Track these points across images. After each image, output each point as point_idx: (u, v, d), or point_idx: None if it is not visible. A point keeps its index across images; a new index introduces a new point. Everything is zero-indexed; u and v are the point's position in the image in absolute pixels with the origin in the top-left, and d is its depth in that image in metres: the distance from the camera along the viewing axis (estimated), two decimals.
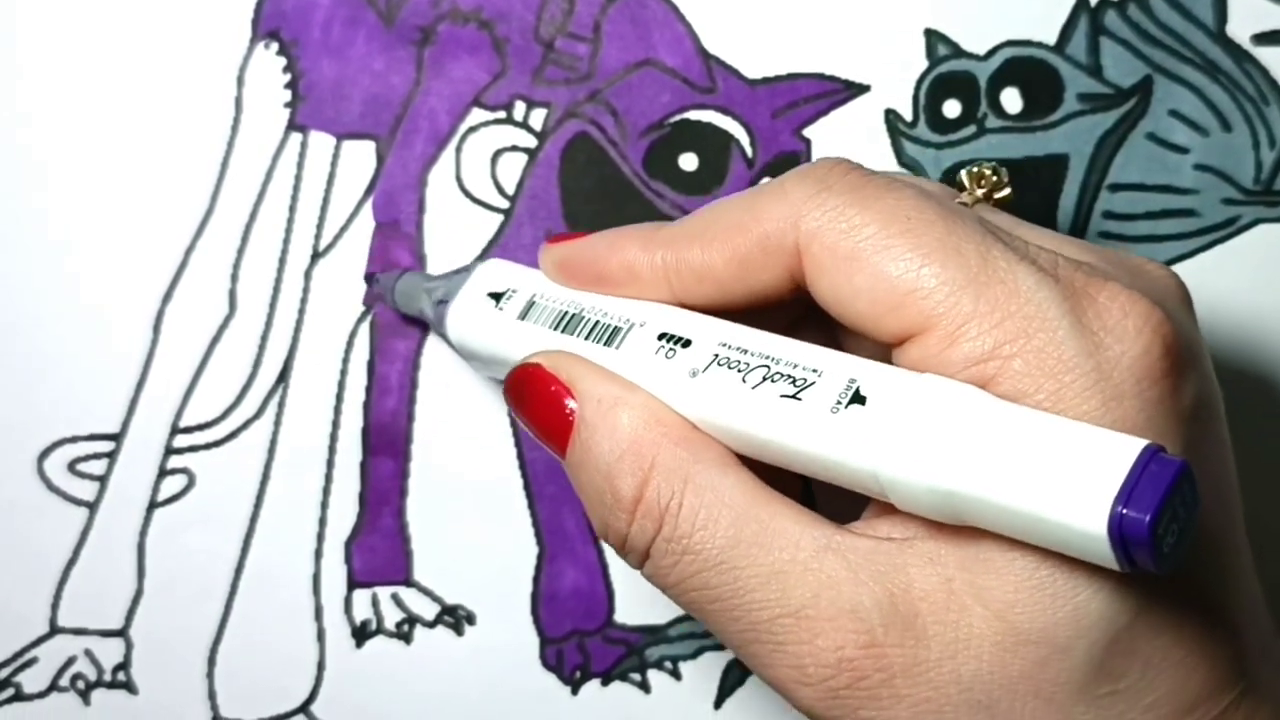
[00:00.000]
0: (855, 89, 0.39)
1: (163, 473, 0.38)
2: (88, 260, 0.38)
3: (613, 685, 0.40)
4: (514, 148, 0.39)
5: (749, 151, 0.39)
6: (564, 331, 0.31)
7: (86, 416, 0.38)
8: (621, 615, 0.39)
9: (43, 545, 0.38)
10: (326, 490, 0.39)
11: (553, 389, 0.30)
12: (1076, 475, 0.24)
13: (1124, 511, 0.23)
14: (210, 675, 0.39)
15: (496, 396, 0.38)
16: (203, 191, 0.38)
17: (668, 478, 0.28)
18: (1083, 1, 0.39)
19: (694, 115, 0.39)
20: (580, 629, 0.39)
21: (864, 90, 0.39)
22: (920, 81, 0.39)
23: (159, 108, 0.38)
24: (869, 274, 0.27)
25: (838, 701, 0.27)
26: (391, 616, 0.39)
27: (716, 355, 0.29)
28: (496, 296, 0.33)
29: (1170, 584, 0.26)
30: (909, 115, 0.39)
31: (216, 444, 0.38)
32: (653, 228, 0.31)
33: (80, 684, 0.38)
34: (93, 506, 0.38)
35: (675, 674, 0.40)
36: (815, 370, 0.27)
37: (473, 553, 0.39)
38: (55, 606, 0.38)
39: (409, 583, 0.39)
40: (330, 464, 0.39)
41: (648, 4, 0.38)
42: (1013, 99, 0.39)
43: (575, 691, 0.39)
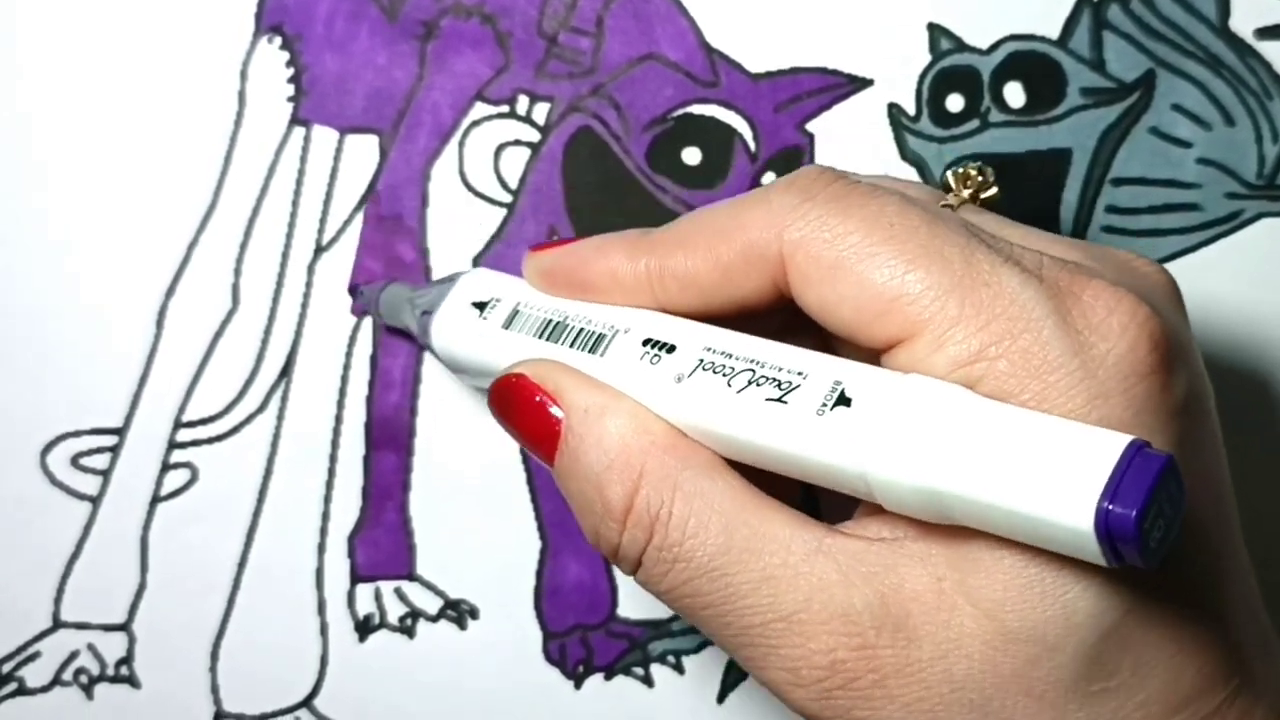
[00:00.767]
0: (858, 83, 0.39)
1: (166, 467, 0.38)
2: (90, 255, 0.38)
3: (616, 679, 0.40)
4: (517, 142, 0.39)
5: (752, 146, 0.39)
6: (549, 340, 0.31)
7: (89, 411, 0.38)
8: (624, 609, 0.39)
9: (46, 540, 0.38)
10: (329, 485, 0.39)
11: (537, 398, 0.30)
12: (1062, 472, 0.24)
13: (1109, 507, 0.23)
14: (213, 670, 0.39)
15: None
16: (205, 186, 0.38)
17: (657, 486, 0.28)
18: None
19: (697, 109, 0.39)
20: (583, 623, 0.39)
21: (867, 84, 0.39)
22: (923, 76, 0.39)
23: (162, 102, 0.38)
24: (854, 282, 0.27)
25: (831, 702, 0.27)
26: (395, 611, 0.39)
27: (701, 360, 0.29)
28: (480, 306, 0.33)
29: (1161, 580, 0.26)
30: (912, 109, 0.39)
31: (219, 438, 0.38)
32: (637, 234, 0.31)
33: (83, 678, 0.38)
34: (96, 501, 0.38)
35: (678, 668, 0.40)
36: (800, 373, 0.27)
37: (476, 547, 0.39)
38: (58, 601, 0.38)
39: (412, 577, 0.39)
40: (333, 458, 0.39)
41: None
42: (1015, 93, 0.39)
43: (578, 686, 0.39)
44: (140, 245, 0.38)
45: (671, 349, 0.29)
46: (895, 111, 0.39)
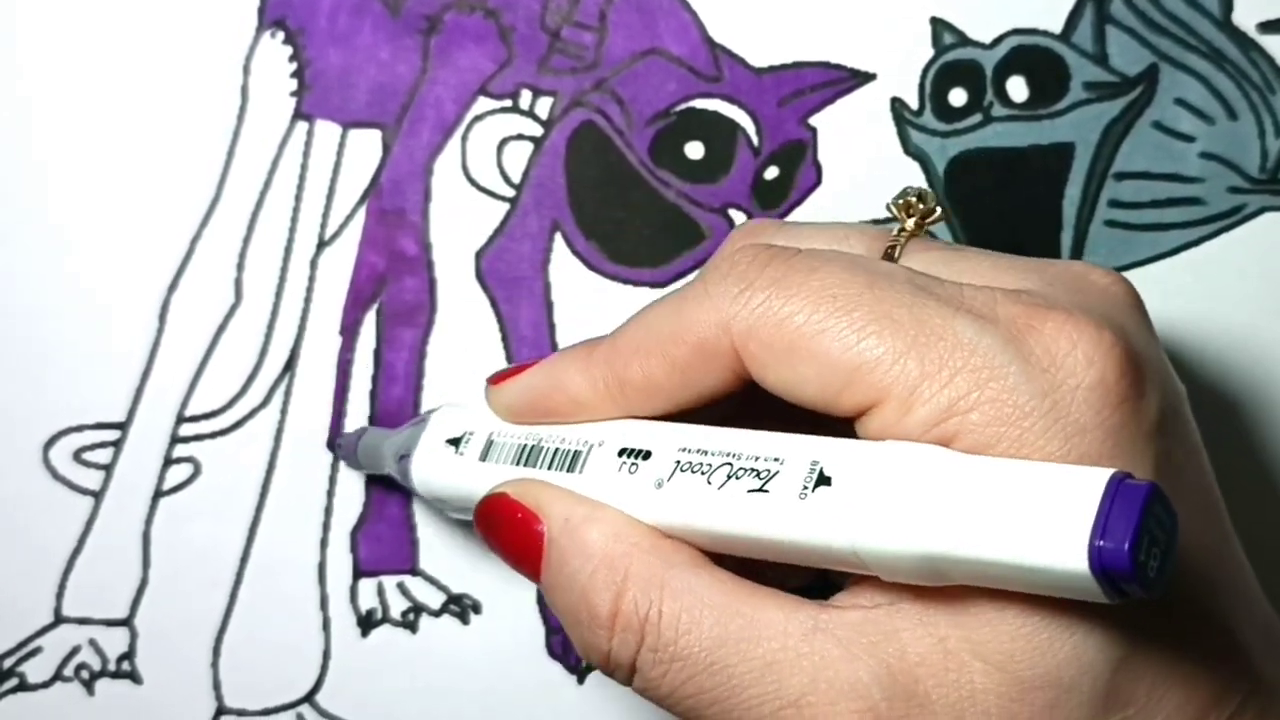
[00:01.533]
0: (861, 77, 0.39)
1: (168, 462, 0.38)
2: (93, 250, 0.38)
3: None
4: (520, 136, 0.39)
5: (755, 140, 0.39)
6: (526, 464, 0.31)
7: (92, 405, 0.38)
8: None
9: (48, 534, 0.38)
10: (332, 479, 0.39)
11: (520, 516, 0.30)
12: (1049, 517, 0.24)
13: (1101, 544, 0.23)
14: (215, 665, 0.39)
15: None
16: (208, 180, 0.38)
17: (643, 587, 0.28)
18: None
19: (700, 104, 0.39)
20: None
21: (870, 79, 0.39)
22: (926, 70, 0.39)
23: (165, 97, 0.38)
24: (810, 362, 0.27)
25: None
26: (397, 606, 0.39)
27: (678, 462, 0.28)
28: (455, 442, 0.33)
29: (1163, 603, 0.26)
30: (915, 104, 0.39)
31: (222, 433, 0.38)
32: (586, 350, 0.31)
33: (84, 674, 0.38)
34: (98, 496, 0.38)
35: None
36: (777, 459, 0.27)
37: (478, 542, 0.39)
38: (60, 596, 0.38)
39: (415, 572, 0.39)
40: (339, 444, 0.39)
41: None
42: (1018, 87, 0.39)
43: (581, 680, 0.39)
44: (143, 240, 0.38)
45: (647, 455, 0.29)
46: (898, 106, 0.39)
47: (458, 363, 0.38)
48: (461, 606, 0.39)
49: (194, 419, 0.38)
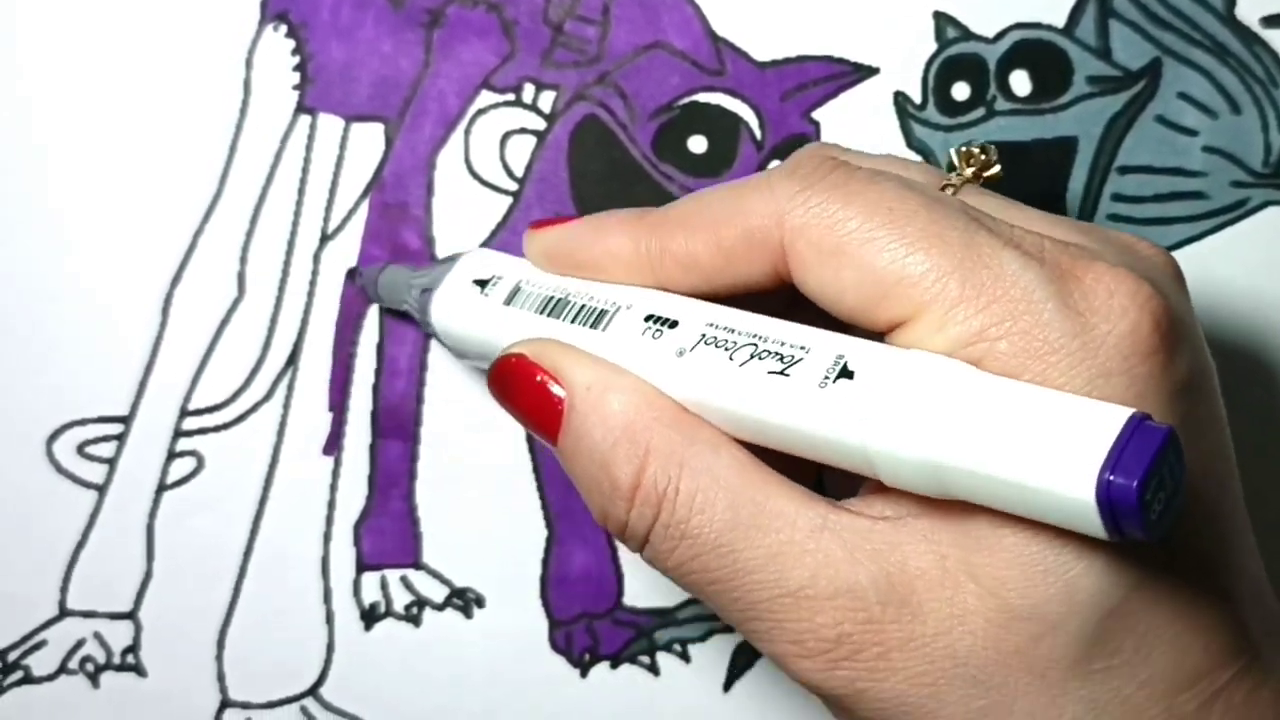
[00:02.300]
0: (864, 71, 0.39)
1: (172, 455, 0.38)
2: (96, 244, 0.38)
3: (622, 668, 0.40)
4: (523, 130, 0.39)
5: (758, 134, 0.39)
6: (550, 316, 0.31)
7: (95, 399, 0.38)
8: (630, 598, 0.39)
9: (52, 528, 0.38)
10: (335, 473, 0.39)
11: (538, 378, 0.30)
12: (1063, 444, 0.24)
13: (1111, 478, 0.23)
14: (219, 658, 0.39)
15: None
16: (211, 174, 0.38)
17: (663, 463, 0.28)
18: None
19: (703, 98, 0.39)
20: (589, 611, 0.39)
21: (873, 73, 0.39)
22: (929, 64, 0.39)
23: (168, 91, 0.38)
24: (855, 267, 0.27)
25: (836, 673, 0.27)
26: (400, 599, 0.39)
27: (703, 335, 0.29)
28: (482, 284, 0.33)
29: (1165, 559, 0.26)
30: (918, 98, 0.39)
31: (225, 426, 0.38)
32: (638, 214, 0.31)
33: (89, 667, 0.38)
34: (102, 489, 0.38)
35: (684, 656, 0.40)
36: (803, 347, 0.27)
37: (482, 536, 0.39)
38: (64, 589, 0.38)
39: (418, 565, 0.39)
40: (339, 446, 0.39)
41: None
42: (1022, 81, 0.39)
43: (584, 674, 0.39)
44: (146, 234, 0.38)
45: (674, 324, 0.29)
46: (901, 100, 0.39)
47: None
48: (465, 600, 0.39)
49: (197, 413, 0.38)
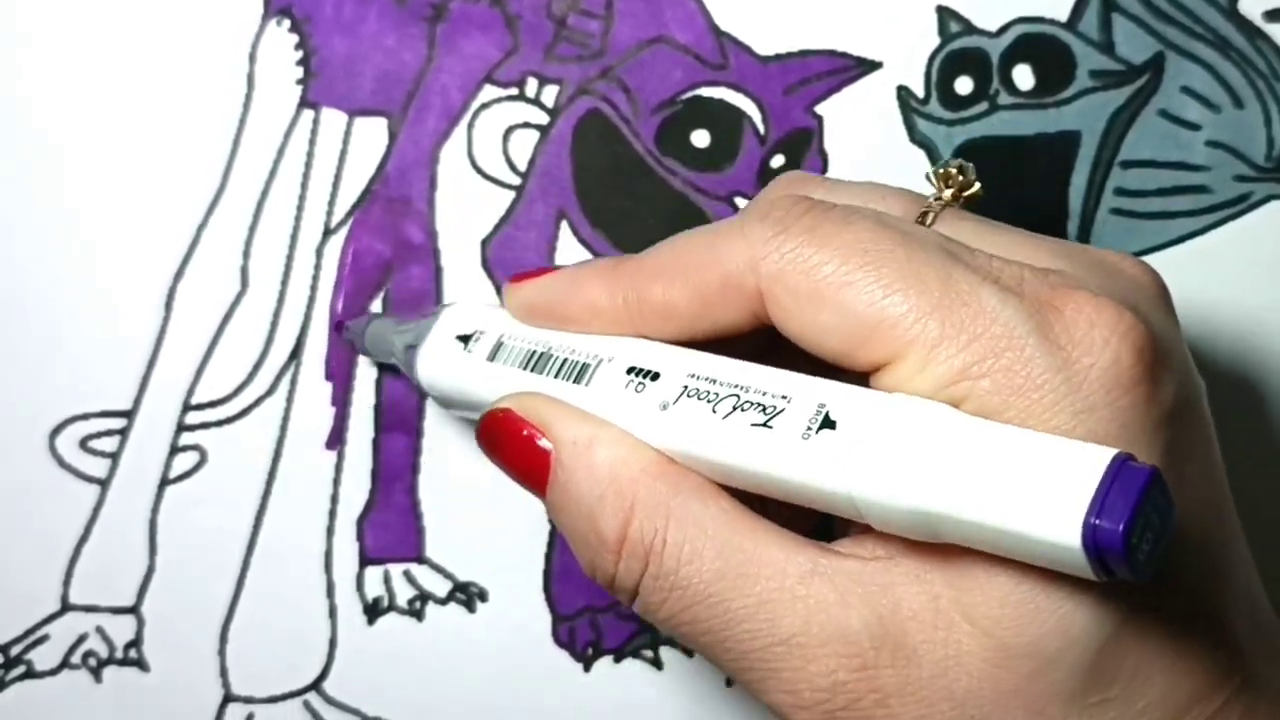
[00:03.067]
0: (867, 66, 0.39)
1: (174, 450, 0.38)
2: (99, 238, 0.38)
3: (625, 662, 0.40)
4: (526, 124, 0.39)
5: (761, 128, 0.39)
6: (533, 371, 0.31)
7: (98, 393, 0.38)
8: None
9: (54, 522, 0.38)
10: (338, 467, 0.39)
11: (525, 433, 0.30)
12: (1048, 489, 0.24)
13: (1096, 522, 0.23)
14: (222, 652, 0.39)
15: None
16: (214, 169, 0.38)
17: (650, 515, 0.28)
18: None
19: (706, 92, 0.39)
20: (592, 606, 0.39)
21: (876, 67, 0.39)
22: (932, 58, 0.39)
23: (171, 85, 0.38)
24: (833, 311, 0.27)
25: None
26: (403, 594, 0.39)
27: (686, 387, 0.29)
28: (465, 339, 0.33)
29: (1156, 589, 0.26)
30: (921, 92, 0.39)
31: (228, 421, 0.38)
32: (613, 264, 0.31)
33: (92, 661, 0.38)
34: (104, 484, 0.38)
35: (688, 651, 0.40)
36: (784, 397, 0.27)
37: (485, 530, 0.39)
38: (67, 584, 0.38)
39: (421, 560, 0.39)
40: (342, 441, 0.39)
41: None
42: (1025, 76, 0.39)
43: (587, 669, 0.39)
44: (149, 228, 0.38)
45: (655, 376, 0.29)
46: (904, 94, 0.39)
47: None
48: (468, 594, 0.39)
49: (200, 407, 0.38)
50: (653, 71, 0.39)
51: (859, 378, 0.27)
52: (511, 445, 0.30)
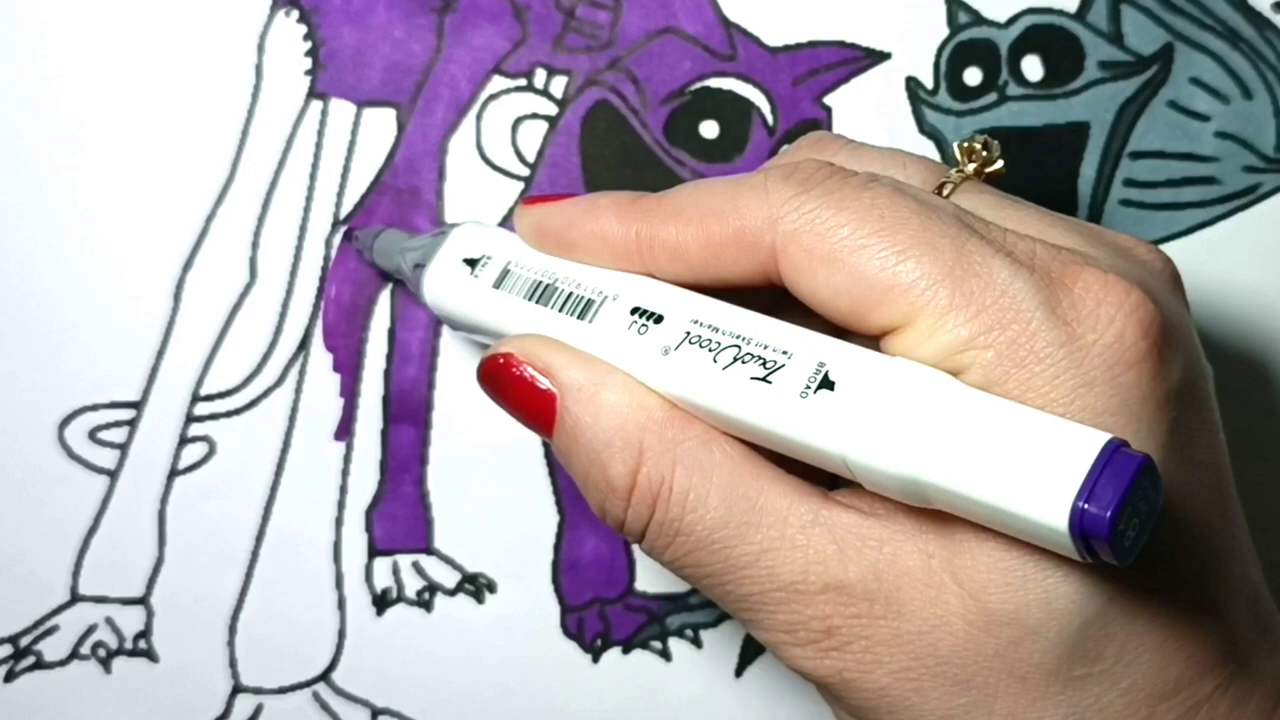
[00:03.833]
0: (876, 56, 0.39)
1: (183, 440, 0.38)
2: (108, 228, 0.38)
3: (634, 653, 0.40)
4: (535, 115, 0.39)
5: (770, 119, 0.39)
6: (538, 302, 0.31)
7: (107, 384, 0.38)
8: (642, 583, 0.39)
9: (64, 513, 0.38)
10: (347, 458, 0.39)
11: (528, 376, 0.30)
12: (1038, 469, 0.24)
13: (1084, 507, 0.23)
14: (231, 643, 0.39)
15: None
16: (223, 159, 0.38)
17: (656, 461, 0.29)
18: None
19: (715, 83, 0.39)
20: (601, 597, 0.39)
21: (885, 58, 0.39)
22: (941, 49, 0.39)
23: (180, 76, 0.38)
24: (846, 274, 0.27)
25: (825, 662, 0.28)
26: (412, 585, 0.39)
27: (688, 333, 0.29)
28: (472, 263, 0.33)
29: (1147, 570, 0.26)
30: (930, 83, 0.39)
31: (237, 412, 0.38)
32: (630, 198, 0.31)
33: (101, 652, 0.38)
34: (113, 474, 0.38)
35: (696, 642, 0.40)
36: (785, 352, 0.27)
37: (493, 521, 0.39)
38: (76, 574, 0.38)
39: (430, 551, 0.39)
40: (351, 432, 0.39)
41: None
42: (1034, 66, 0.39)
43: (596, 659, 0.39)
44: (158, 219, 0.38)
45: (659, 319, 0.29)
46: (913, 85, 0.39)
47: (472, 342, 0.38)
48: (476, 585, 0.39)
49: (209, 398, 0.38)
50: (661, 62, 0.39)
51: (865, 341, 0.28)
52: (515, 390, 0.30)
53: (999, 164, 0.32)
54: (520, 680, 0.39)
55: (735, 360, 0.28)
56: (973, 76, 0.39)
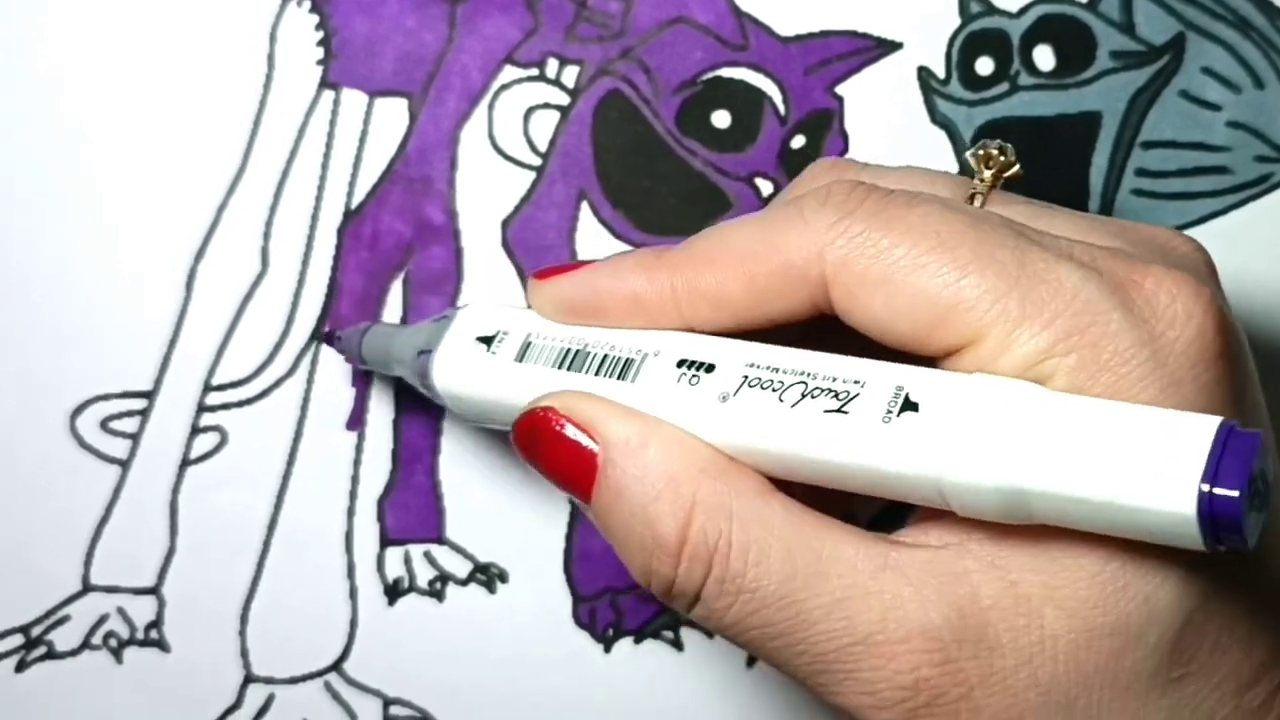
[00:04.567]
0: (888, 46, 0.39)
1: (195, 430, 0.38)
2: (120, 218, 0.38)
3: (645, 644, 0.40)
4: (546, 105, 0.39)
5: (781, 109, 0.39)
6: (570, 370, 0.29)
7: (119, 374, 0.38)
8: None
9: (75, 503, 0.38)
10: (359, 448, 0.39)
11: (569, 433, 0.28)
12: (1154, 460, 0.23)
13: (1213, 490, 0.22)
14: (242, 633, 0.39)
15: None
16: (235, 149, 0.38)
17: (711, 515, 0.27)
18: None
19: (726, 72, 0.39)
20: (613, 587, 0.39)
21: (896, 47, 0.39)
22: (953, 39, 0.39)
23: (192, 66, 0.38)
24: (907, 295, 0.26)
25: None
26: (424, 575, 0.39)
27: (746, 377, 0.27)
28: (487, 340, 0.31)
29: (1230, 562, 0.26)
30: (942, 73, 0.39)
31: (249, 401, 0.38)
32: (653, 254, 0.30)
33: (112, 642, 0.38)
34: (125, 464, 0.38)
35: (708, 632, 0.40)
36: (857, 381, 0.26)
37: (505, 511, 0.39)
38: (88, 564, 0.38)
39: (441, 541, 0.39)
40: (363, 421, 0.39)
41: None
42: (1045, 56, 0.39)
43: (608, 650, 0.39)
44: (170, 209, 0.38)
45: (710, 368, 0.28)
46: (925, 74, 0.39)
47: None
48: (488, 575, 0.39)
49: (220, 388, 0.38)
50: (673, 52, 0.39)
51: (926, 363, 0.27)
52: (553, 446, 0.29)
53: (1016, 167, 0.31)
54: (532, 670, 0.39)
55: (804, 396, 0.26)
56: (985, 66, 0.39)
